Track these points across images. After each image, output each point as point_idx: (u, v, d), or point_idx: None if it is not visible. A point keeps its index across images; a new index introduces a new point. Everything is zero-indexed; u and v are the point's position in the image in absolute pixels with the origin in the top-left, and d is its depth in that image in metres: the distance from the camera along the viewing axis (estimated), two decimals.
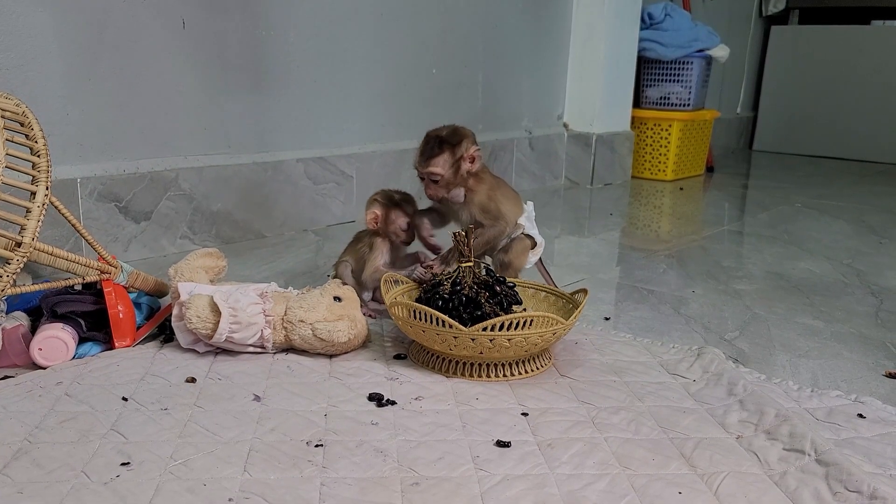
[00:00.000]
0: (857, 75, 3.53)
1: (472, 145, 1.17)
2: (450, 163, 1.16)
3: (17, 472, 0.72)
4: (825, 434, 0.84)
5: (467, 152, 1.16)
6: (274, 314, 1.02)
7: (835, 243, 1.84)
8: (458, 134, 1.17)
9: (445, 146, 1.16)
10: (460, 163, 1.16)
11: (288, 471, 0.74)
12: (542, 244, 1.26)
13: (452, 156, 1.16)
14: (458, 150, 1.16)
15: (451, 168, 1.16)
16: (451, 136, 1.17)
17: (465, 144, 1.16)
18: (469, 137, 1.18)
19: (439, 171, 1.15)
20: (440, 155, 1.16)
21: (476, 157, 1.17)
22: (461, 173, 1.17)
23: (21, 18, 1.28)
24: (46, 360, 0.96)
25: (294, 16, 1.70)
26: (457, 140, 1.16)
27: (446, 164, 1.16)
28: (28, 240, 0.93)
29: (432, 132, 1.18)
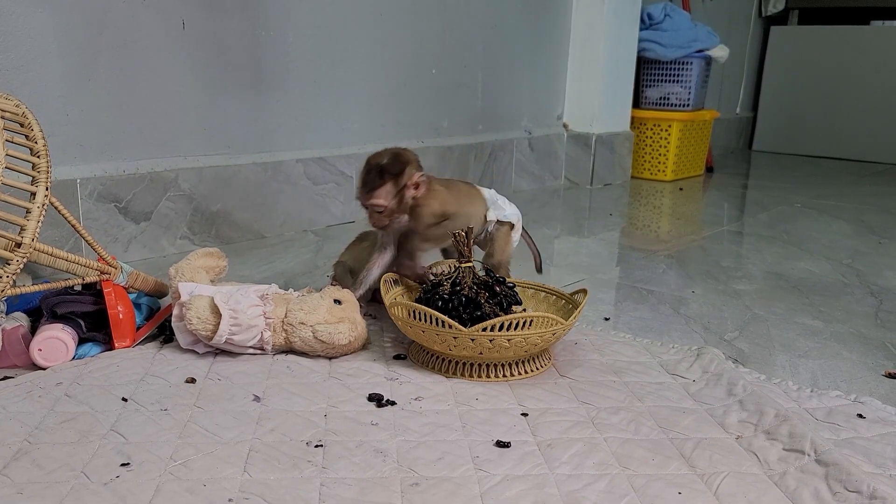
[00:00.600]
0: (857, 75, 3.53)
1: (416, 171, 1.11)
2: (392, 193, 1.10)
3: (16, 472, 0.72)
4: (825, 434, 0.84)
5: (410, 180, 1.10)
6: (274, 317, 1.02)
7: (834, 243, 1.84)
8: (400, 161, 1.11)
9: (387, 176, 1.10)
10: (404, 192, 1.10)
11: (288, 471, 0.74)
12: (518, 218, 1.22)
13: (395, 185, 1.10)
14: (400, 180, 1.10)
15: (395, 198, 1.10)
16: (392, 165, 1.10)
17: (409, 172, 1.10)
18: (412, 163, 1.12)
19: (382, 202, 1.09)
20: (382, 186, 1.09)
21: (420, 183, 1.11)
22: (405, 201, 1.11)
23: (21, 19, 1.28)
24: (46, 360, 0.96)
25: (293, 16, 1.70)
26: (398, 169, 1.10)
27: (389, 194, 1.10)
28: (28, 240, 0.93)
29: (373, 159, 1.12)
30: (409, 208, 1.12)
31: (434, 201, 1.13)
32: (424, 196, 1.12)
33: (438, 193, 1.14)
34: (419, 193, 1.12)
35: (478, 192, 1.22)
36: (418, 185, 1.11)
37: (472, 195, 1.21)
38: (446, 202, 1.15)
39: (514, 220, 1.22)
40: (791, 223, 2.08)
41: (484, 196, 1.21)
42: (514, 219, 1.22)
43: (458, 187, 1.21)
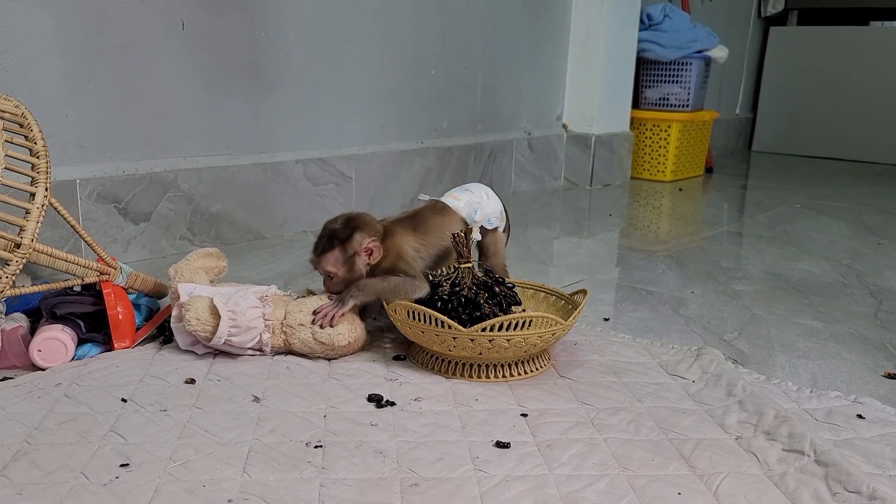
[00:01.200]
0: (856, 76, 3.53)
1: (368, 238, 1.05)
2: (341, 260, 1.05)
3: (16, 473, 0.72)
4: (824, 435, 0.84)
5: (360, 247, 1.05)
6: (273, 318, 1.02)
7: (834, 244, 1.84)
8: (350, 226, 1.06)
9: (336, 242, 1.05)
10: (354, 259, 1.06)
11: (287, 472, 0.74)
12: (501, 213, 1.19)
13: (344, 252, 1.05)
14: (349, 247, 1.05)
15: (344, 265, 1.06)
16: (340, 231, 1.06)
17: (358, 238, 1.05)
18: (364, 229, 1.06)
19: (331, 269, 1.06)
20: (330, 252, 1.06)
21: (374, 249, 1.06)
22: (357, 268, 1.06)
23: (20, 20, 1.28)
24: (46, 361, 0.96)
25: (293, 17, 1.70)
26: (347, 235, 1.05)
27: (337, 261, 1.05)
28: (27, 241, 0.93)
29: (328, 223, 1.09)
30: (370, 271, 1.08)
31: (386, 262, 1.07)
32: (383, 257, 1.07)
33: (398, 249, 1.08)
34: (373, 260, 1.07)
35: (450, 215, 1.14)
36: (371, 252, 1.06)
37: (444, 225, 1.13)
38: (407, 256, 1.08)
39: (498, 222, 1.19)
40: (790, 224, 2.08)
41: (460, 216, 1.15)
42: (497, 221, 1.18)
43: (427, 224, 1.13)
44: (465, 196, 1.17)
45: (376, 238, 1.07)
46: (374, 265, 1.08)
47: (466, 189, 1.19)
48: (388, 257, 1.07)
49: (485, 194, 1.19)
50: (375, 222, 1.10)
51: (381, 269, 1.07)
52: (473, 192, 1.19)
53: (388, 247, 1.08)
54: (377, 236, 1.07)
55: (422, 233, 1.11)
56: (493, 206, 1.19)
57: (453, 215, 1.14)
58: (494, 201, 1.20)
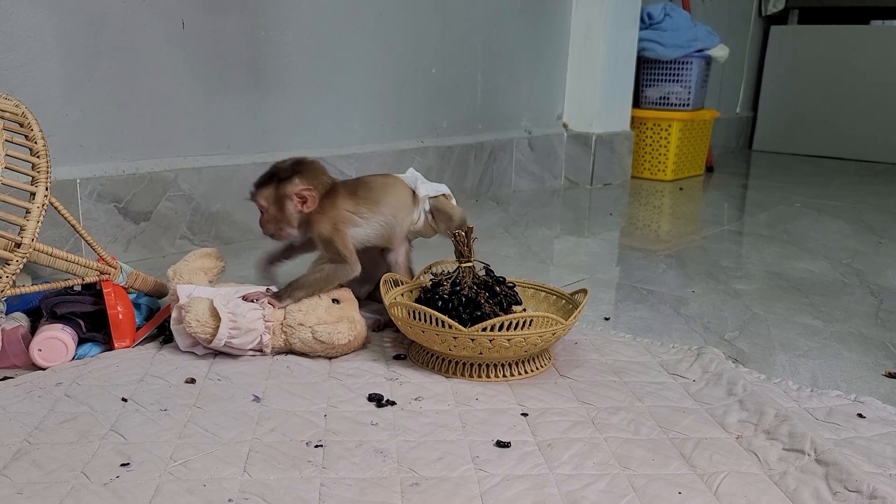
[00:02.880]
0: (857, 75, 3.53)
1: (303, 184, 1.05)
2: (274, 198, 1.06)
3: (16, 472, 0.72)
4: (825, 434, 0.84)
5: (294, 190, 1.05)
6: (273, 319, 1.02)
7: (834, 243, 1.84)
8: (294, 169, 1.06)
9: (273, 180, 1.07)
10: (284, 202, 1.06)
11: (287, 471, 0.74)
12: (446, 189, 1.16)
13: (277, 191, 1.06)
14: (282, 188, 1.05)
15: (275, 205, 1.06)
16: (282, 170, 1.07)
17: (296, 182, 1.05)
18: (306, 175, 1.06)
19: (263, 203, 1.07)
20: (265, 187, 1.07)
21: (308, 197, 1.05)
22: (289, 214, 1.07)
23: (20, 19, 1.28)
24: (46, 360, 0.96)
25: (293, 16, 1.70)
26: (286, 176, 1.06)
27: (270, 198, 1.06)
28: (28, 240, 0.93)
29: (280, 162, 1.10)
30: (303, 223, 1.08)
31: (325, 222, 1.07)
32: (318, 213, 1.07)
33: (335, 211, 1.07)
34: (305, 209, 1.06)
35: (396, 180, 1.15)
36: (305, 200, 1.05)
37: (388, 186, 1.13)
38: (342, 219, 1.07)
39: (446, 190, 1.16)
40: (791, 223, 2.08)
41: (406, 183, 1.15)
42: (444, 189, 1.16)
43: (370, 186, 1.13)
44: (412, 173, 1.18)
45: (314, 189, 1.06)
46: (310, 226, 1.07)
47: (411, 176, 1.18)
48: (324, 221, 1.07)
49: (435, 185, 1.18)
50: (323, 174, 1.09)
51: (318, 236, 1.07)
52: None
53: (326, 206, 1.07)
54: (317, 188, 1.07)
55: (363, 196, 1.11)
56: (440, 188, 1.18)
57: (398, 181, 1.15)
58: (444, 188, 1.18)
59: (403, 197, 1.14)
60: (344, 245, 1.06)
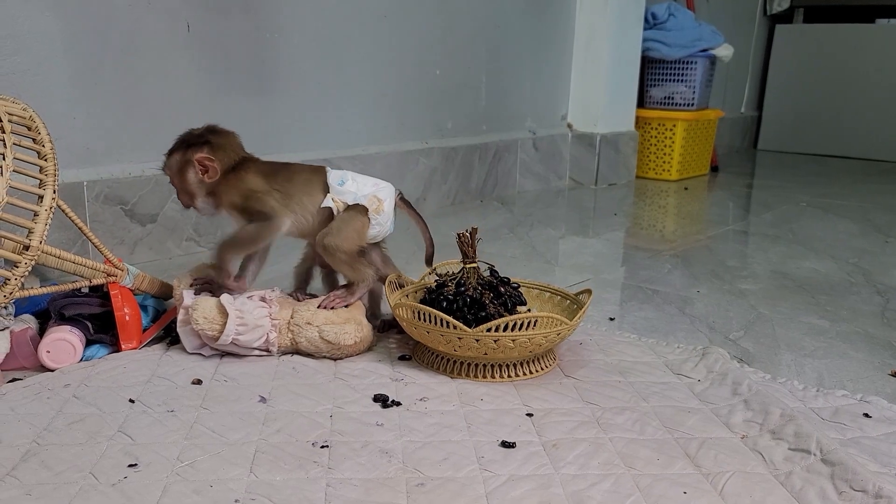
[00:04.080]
0: (862, 73, 3.52)
1: (202, 151, 1.01)
2: (178, 165, 1.02)
3: (25, 473, 0.73)
4: (831, 434, 0.84)
5: (194, 156, 1.01)
6: (280, 318, 1.02)
7: (840, 242, 1.84)
8: (202, 138, 1.02)
9: (179, 147, 1.03)
10: (187, 168, 1.02)
11: (294, 472, 0.74)
12: (375, 197, 1.05)
13: (181, 158, 1.02)
14: (186, 154, 1.01)
15: (178, 174, 1.02)
16: (191, 137, 1.03)
17: (198, 150, 1.01)
18: (212, 144, 1.02)
19: (168, 172, 1.04)
20: (171, 155, 1.03)
21: (209, 166, 1.01)
22: (192, 182, 1.03)
23: (28, 23, 1.29)
24: (54, 362, 0.97)
25: (297, 18, 1.71)
26: (189, 143, 1.02)
27: (174, 166, 1.03)
28: (36, 243, 0.94)
29: (195, 129, 1.06)
30: (211, 195, 1.04)
31: (232, 192, 1.03)
32: (224, 185, 1.03)
33: (243, 183, 1.03)
34: (207, 178, 1.02)
35: (318, 178, 1.06)
36: (207, 169, 1.01)
37: (307, 181, 1.06)
38: (246, 194, 1.02)
39: (366, 202, 1.05)
40: (796, 222, 2.07)
41: (327, 182, 1.06)
42: (364, 200, 1.05)
43: (289, 173, 1.06)
44: (354, 176, 1.07)
45: (216, 160, 1.01)
46: (218, 198, 1.03)
47: (372, 179, 1.09)
48: (230, 192, 1.03)
49: (386, 191, 1.08)
50: (234, 147, 1.04)
51: (229, 205, 1.04)
52: (379, 185, 1.08)
53: (233, 180, 1.03)
54: (222, 158, 1.02)
55: (280, 184, 1.04)
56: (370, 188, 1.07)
57: (322, 178, 1.06)
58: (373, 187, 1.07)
59: (314, 199, 1.05)
60: (261, 202, 1.02)
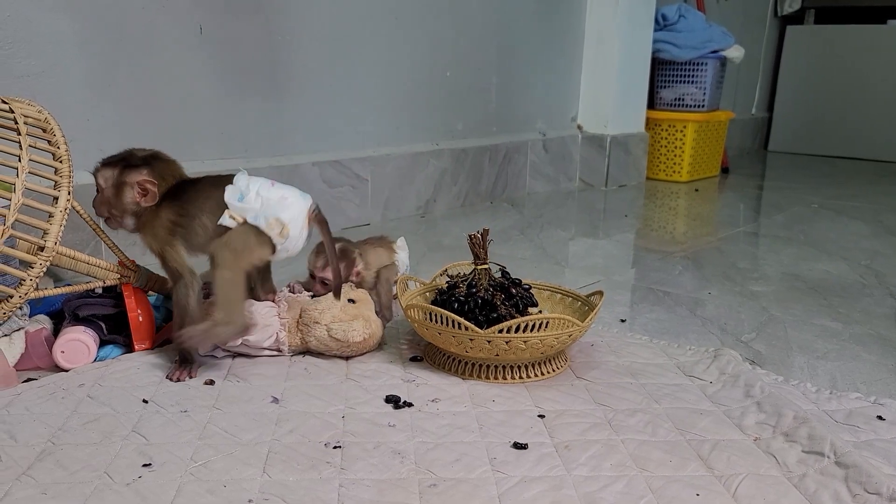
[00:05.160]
0: (874, 75, 3.50)
1: (149, 178, 0.97)
2: (113, 179, 0.98)
3: (41, 473, 0.73)
4: (844, 436, 0.83)
5: (135, 180, 0.97)
6: (289, 317, 1.03)
7: (852, 244, 1.83)
8: (145, 161, 0.99)
9: (122, 163, 0.99)
10: (124, 188, 0.98)
11: (306, 472, 0.74)
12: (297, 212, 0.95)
13: (120, 175, 0.98)
14: (126, 174, 0.98)
15: (114, 187, 0.98)
16: (134, 158, 1.00)
17: (142, 172, 0.97)
18: (156, 171, 0.98)
19: (101, 182, 1.00)
20: (109, 168, 1.00)
21: (148, 191, 0.97)
22: (126, 201, 0.99)
23: (42, 27, 1.30)
24: (69, 362, 0.97)
25: (309, 20, 1.71)
26: (135, 163, 0.99)
27: (110, 179, 0.99)
28: (51, 244, 0.95)
29: (137, 149, 1.03)
30: (137, 219, 1.00)
31: (149, 236, 0.99)
32: (145, 220, 0.99)
33: (158, 222, 0.98)
34: (144, 202, 0.98)
35: (219, 194, 0.97)
36: (146, 193, 0.97)
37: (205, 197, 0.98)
38: (160, 241, 0.98)
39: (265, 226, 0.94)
40: (808, 224, 2.06)
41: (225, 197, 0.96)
42: (264, 224, 0.94)
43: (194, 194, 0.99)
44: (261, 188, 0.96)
45: (157, 184, 0.97)
46: (142, 227, 0.99)
47: (285, 187, 0.99)
48: (148, 235, 0.99)
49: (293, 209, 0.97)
50: (174, 171, 1.01)
51: (147, 242, 1.00)
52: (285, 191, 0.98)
53: (151, 216, 0.99)
54: (160, 186, 0.98)
55: (185, 202, 0.99)
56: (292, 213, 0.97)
57: (220, 193, 0.97)
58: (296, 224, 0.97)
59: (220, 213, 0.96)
60: (174, 259, 0.98)
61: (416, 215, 2.04)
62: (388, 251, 1.22)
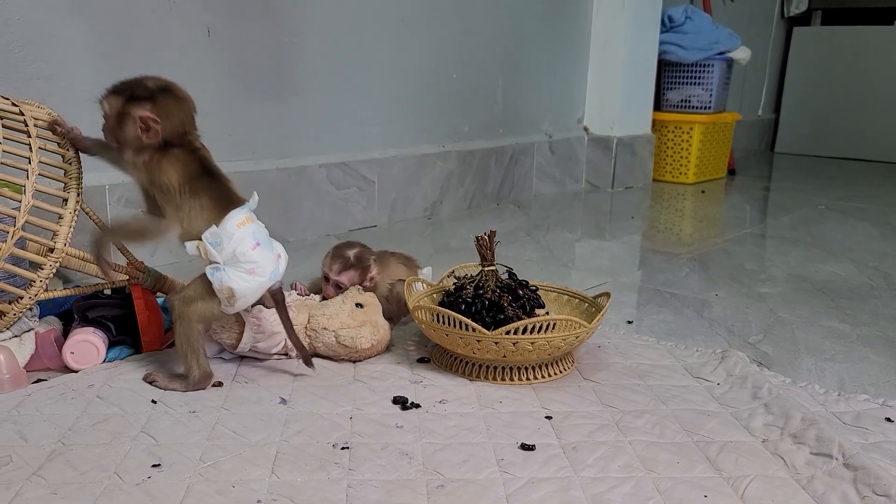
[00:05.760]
0: (881, 76, 3.49)
1: (150, 111, 0.92)
2: (117, 108, 0.93)
3: (51, 473, 0.74)
4: (853, 438, 0.83)
5: (137, 112, 0.91)
6: (297, 323, 1.03)
7: (859, 246, 1.82)
8: (152, 92, 0.94)
9: (127, 91, 0.94)
10: (125, 117, 0.93)
11: (315, 473, 0.75)
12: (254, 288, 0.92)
13: (122, 105, 0.93)
14: (129, 105, 0.92)
15: (116, 119, 0.93)
16: (142, 88, 0.94)
17: (144, 105, 0.92)
18: (159, 104, 0.93)
19: (107, 109, 0.94)
20: (113, 94, 0.95)
21: (151, 127, 0.91)
22: (129, 135, 0.93)
23: (52, 29, 1.31)
24: (78, 363, 0.98)
25: (316, 23, 1.72)
26: (143, 94, 0.93)
27: (113, 108, 0.94)
28: (61, 245, 0.95)
29: (148, 78, 0.97)
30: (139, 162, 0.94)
31: (149, 170, 0.93)
32: (153, 155, 0.93)
33: (162, 171, 0.93)
34: (146, 138, 0.92)
35: (213, 213, 0.95)
36: (148, 129, 0.92)
37: (200, 206, 0.95)
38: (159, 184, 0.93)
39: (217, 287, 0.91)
40: (815, 226, 2.06)
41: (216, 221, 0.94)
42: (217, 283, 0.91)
43: (204, 185, 0.97)
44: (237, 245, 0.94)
45: (158, 119, 0.92)
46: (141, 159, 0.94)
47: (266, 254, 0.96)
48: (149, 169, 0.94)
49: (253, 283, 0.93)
50: (182, 116, 0.96)
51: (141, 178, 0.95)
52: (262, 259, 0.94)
53: (159, 159, 0.94)
54: (165, 125, 0.93)
55: (195, 178, 0.96)
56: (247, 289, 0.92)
57: (215, 214, 0.95)
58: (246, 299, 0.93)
59: (200, 228, 0.94)
60: (166, 200, 0.93)
61: (422, 217, 2.04)
62: (410, 270, 1.20)
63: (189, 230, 0.94)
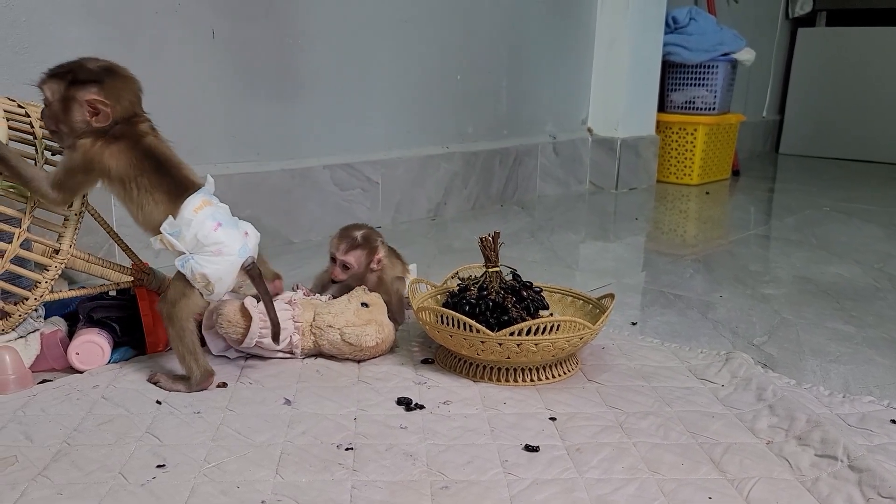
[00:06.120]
0: (886, 77, 3.48)
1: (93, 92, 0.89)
2: (60, 92, 0.90)
3: (56, 473, 0.74)
4: (857, 440, 0.83)
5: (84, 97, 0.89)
6: (302, 320, 1.03)
7: (864, 247, 1.82)
8: (89, 70, 0.91)
9: (67, 74, 0.90)
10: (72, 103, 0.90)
11: (319, 473, 0.75)
12: (226, 268, 0.92)
13: (66, 90, 0.89)
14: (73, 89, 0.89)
15: (60, 102, 0.90)
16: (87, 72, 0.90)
17: (91, 90, 0.89)
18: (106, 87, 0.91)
19: (48, 94, 0.91)
20: (53, 78, 0.90)
21: (100, 110, 0.89)
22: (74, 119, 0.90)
23: (56, 30, 1.32)
24: (83, 364, 0.98)
25: (320, 24, 1.72)
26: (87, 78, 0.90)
27: (56, 93, 0.90)
28: (66, 247, 0.96)
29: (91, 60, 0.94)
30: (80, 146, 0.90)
31: (109, 165, 0.90)
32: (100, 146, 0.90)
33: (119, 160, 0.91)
34: (95, 122, 0.90)
35: (170, 203, 0.94)
36: (97, 112, 0.89)
37: (160, 188, 0.94)
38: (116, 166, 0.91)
39: (191, 279, 0.92)
40: (819, 227, 2.05)
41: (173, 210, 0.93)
42: (189, 275, 0.91)
43: (154, 170, 0.94)
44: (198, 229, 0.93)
45: (111, 105, 0.90)
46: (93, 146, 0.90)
47: (231, 232, 0.96)
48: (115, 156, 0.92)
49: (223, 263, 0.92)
50: (131, 91, 0.95)
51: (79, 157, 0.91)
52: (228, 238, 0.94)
53: (114, 143, 0.91)
54: (115, 107, 0.91)
55: (148, 172, 0.94)
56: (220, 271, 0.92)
57: (172, 206, 0.94)
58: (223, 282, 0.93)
59: (160, 220, 0.94)
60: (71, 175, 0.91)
61: (426, 218, 2.04)
62: (402, 266, 1.21)
63: (147, 225, 0.94)
